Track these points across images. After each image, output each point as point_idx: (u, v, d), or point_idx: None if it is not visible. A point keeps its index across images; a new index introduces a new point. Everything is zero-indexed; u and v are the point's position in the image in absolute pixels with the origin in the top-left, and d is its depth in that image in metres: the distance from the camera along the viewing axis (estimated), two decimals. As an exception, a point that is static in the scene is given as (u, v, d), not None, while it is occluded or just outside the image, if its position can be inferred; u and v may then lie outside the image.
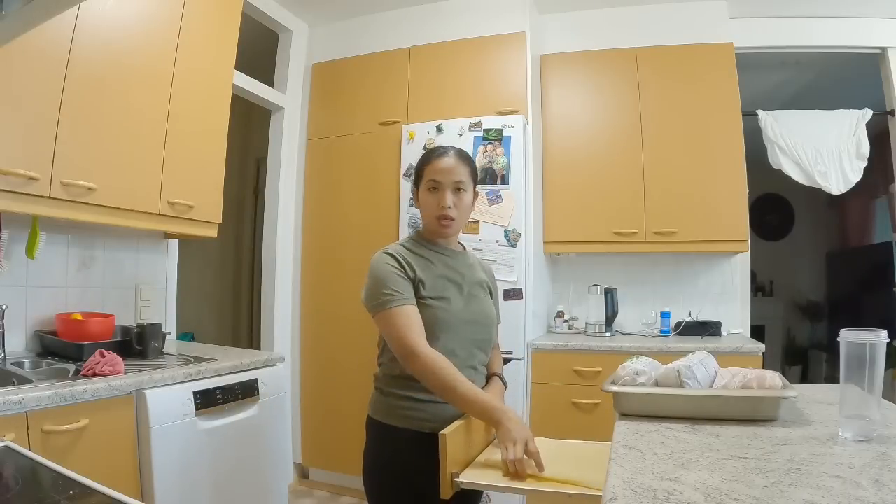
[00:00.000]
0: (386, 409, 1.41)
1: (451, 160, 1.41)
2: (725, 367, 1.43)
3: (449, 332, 1.36)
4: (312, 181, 3.30)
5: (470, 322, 1.41)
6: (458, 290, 1.42)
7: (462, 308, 1.41)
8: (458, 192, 1.41)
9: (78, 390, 1.43)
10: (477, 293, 1.47)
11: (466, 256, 1.53)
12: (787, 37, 3.17)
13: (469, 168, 1.44)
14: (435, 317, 1.35)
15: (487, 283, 1.53)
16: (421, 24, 3.12)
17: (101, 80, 1.83)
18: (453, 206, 1.40)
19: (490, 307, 1.50)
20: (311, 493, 3.11)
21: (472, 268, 1.50)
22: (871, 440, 1.02)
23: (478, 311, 1.45)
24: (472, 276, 1.48)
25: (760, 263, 5.16)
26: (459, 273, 1.45)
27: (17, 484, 0.89)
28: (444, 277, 1.41)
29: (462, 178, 1.41)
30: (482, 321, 1.45)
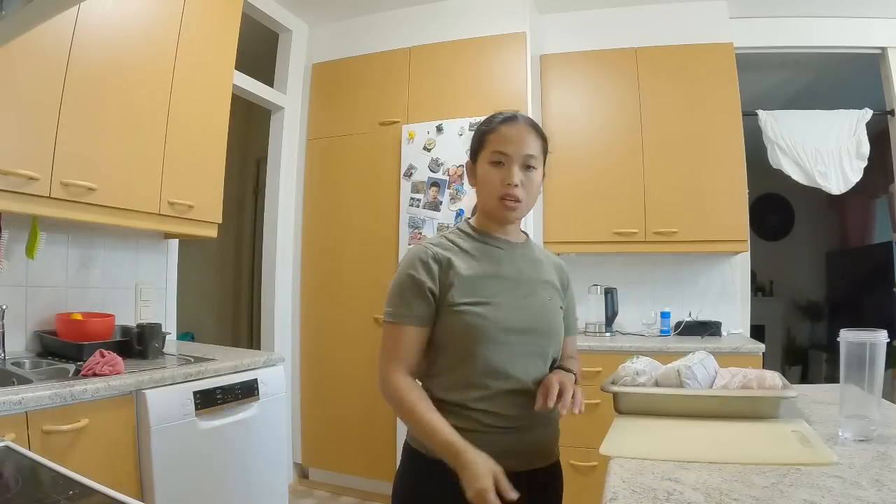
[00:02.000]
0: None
1: (521, 128, 1.15)
2: (725, 367, 1.43)
3: (491, 345, 1.10)
4: (312, 181, 3.30)
5: (523, 331, 1.13)
6: (510, 291, 1.15)
7: (512, 314, 1.13)
8: (528, 170, 1.15)
9: (78, 390, 1.43)
10: (539, 295, 1.19)
11: (529, 249, 1.25)
12: (787, 37, 3.17)
13: (542, 141, 1.18)
14: (471, 327, 1.10)
15: (557, 283, 1.25)
16: (421, 24, 3.12)
17: (101, 80, 1.83)
18: (521, 186, 1.13)
19: (555, 312, 1.20)
20: (311, 493, 3.11)
21: (537, 264, 1.23)
22: (871, 440, 1.02)
23: (536, 317, 1.16)
24: (536, 274, 1.21)
25: (760, 263, 5.16)
26: (516, 269, 1.18)
27: (17, 484, 0.89)
28: (492, 277, 1.15)
29: (534, 153, 1.15)
30: (542, 329, 1.16)
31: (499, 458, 1.02)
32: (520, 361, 1.13)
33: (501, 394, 1.11)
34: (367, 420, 2.97)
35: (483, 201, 1.19)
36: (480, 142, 1.19)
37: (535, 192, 1.18)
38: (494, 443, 1.07)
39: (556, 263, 1.30)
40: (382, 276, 2.96)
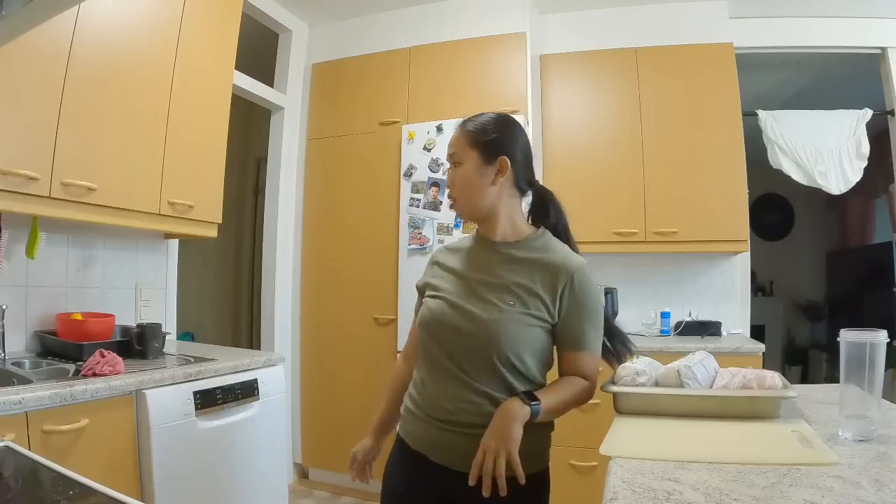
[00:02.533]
0: None
1: (454, 132, 1.22)
2: (725, 367, 1.43)
3: (426, 336, 1.17)
4: (312, 181, 3.30)
5: (460, 330, 1.12)
6: (464, 290, 1.16)
7: (455, 312, 1.14)
8: (456, 167, 1.19)
9: (78, 390, 1.43)
10: (496, 296, 1.13)
11: (521, 249, 1.19)
12: (787, 37, 3.17)
13: (468, 134, 1.19)
14: (420, 316, 1.21)
15: (538, 288, 1.13)
16: (421, 24, 3.12)
17: (101, 80, 1.83)
18: (453, 185, 1.20)
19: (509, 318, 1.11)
20: (311, 493, 3.10)
21: (518, 264, 1.16)
22: (871, 440, 1.02)
23: (480, 318, 1.11)
24: (506, 276, 1.15)
25: (760, 263, 5.16)
26: (484, 269, 1.18)
27: (17, 484, 0.89)
28: (458, 275, 1.19)
29: (454, 150, 1.19)
30: (481, 332, 1.10)
31: (438, 451, 1.13)
32: (455, 360, 1.13)
33: (438, 387, 1.15)
34: (367, 420, 2.93)
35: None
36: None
37: (465, 184, 1.18)
38: (431, 435, 1.15)
39: (557, 266, 1.14)
40: (382, 276, 2.96)
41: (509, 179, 1.19)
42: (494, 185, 1.17)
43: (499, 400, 1.09)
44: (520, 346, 1.11)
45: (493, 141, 1.18)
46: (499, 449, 1.01)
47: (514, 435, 1.02)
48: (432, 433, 1.15)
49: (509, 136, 1.20)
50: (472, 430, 1.09)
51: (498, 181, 1.17)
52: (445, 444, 1.13)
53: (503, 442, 1.01)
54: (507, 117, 1.24)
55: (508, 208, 1.21)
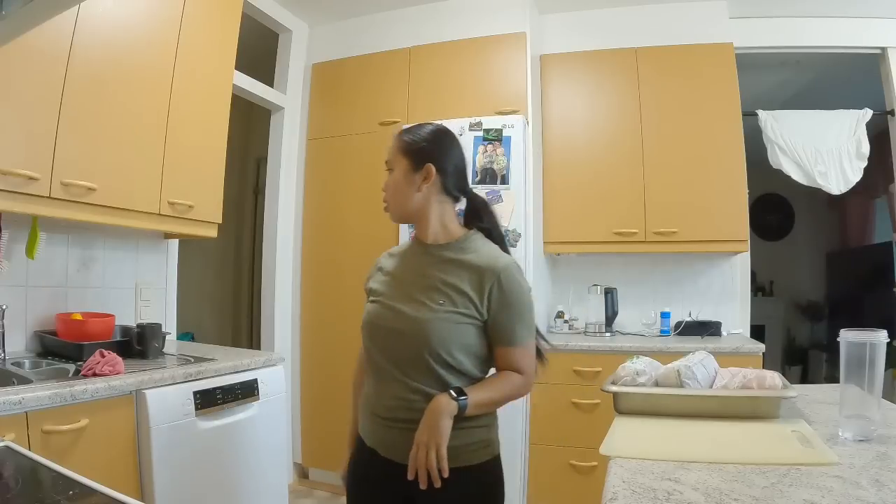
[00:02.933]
0: None
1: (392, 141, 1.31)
2: (725, 367, 1.43)
3: (366, 338, 1.27)
4: (312, 181, 3.30)
5: (393, 331, 1.21)
6: (396, 292, 1.25)
7: (387, 313, 1.23)
8: (389, 174, 1.29)
9: (78, 390, 1.43)
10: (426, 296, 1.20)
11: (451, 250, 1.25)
12: (787, 37, 3.17)
13: (400, 143, 1.28)
14: (363, 320, 1.29)
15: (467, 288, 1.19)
16: (421, 24, 3.12)
17: (101, 80, 1.83)
18: (385, 189, 1.29)
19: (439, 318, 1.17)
20: (311, 493, 3.11)
21: (447, 265, 1.23)
22: (871, 440, 1.02)
23: (409, 318, 1.18)
24: (437, 277, 1.21)
25: (760, 263, 5.16)
26: (415, 270, 1.26)
27: (17, 484, 0.89)
28: (394, 278, 1.29)
29: (389, 157, 1.29)
30: (412, 331, 1.17)
31: (385, 447, 1.21)
32: (392, 360, 1.21)
33: (380, 386, 1.23)
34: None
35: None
36: None
37: (394, 189, 1.27)
38: (378, 432, 1.22)
39: (484, 267, 1.20)
40: (382, 276, 2.96)
41: (437, 185, 1.26)
42: (420, 190, 1.25)
43: (433, 396, 1.15)
44: (450, 344, 1.17)
45: (422, 150, 1.26)
46: (429, 443, 1.09)
47: (441, 429, 1.10)
48: (379, 430, 1.23)
49: (439, 146, 1.28)
50: (411, 425, 1.14)
51: (423, 187, 1.25)
52: (391, 440, 1.20)
53: (432, 436, 1.09)
54: (442, 129, 1.32)
55: (439, 212, 1.28)
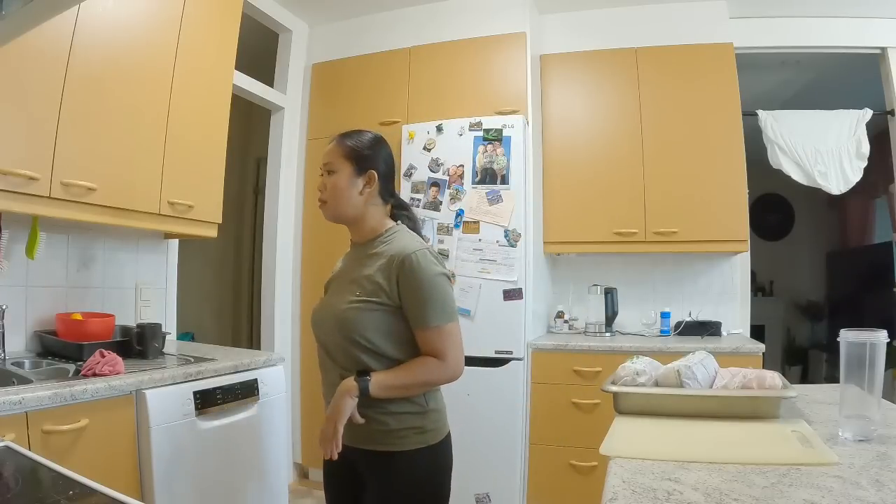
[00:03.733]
0: None
1: (330, 144, 1.38)
2: (725, 367, 1.43)
3: (315, 335, 1.39)
4: (312, 181, 3.29)
5: (322, 324, 1.35)
6: (332, 288, 1.42)
7: (319, 309, 1.39)
8: (329, 175, 1.35)
9: (78, 390, 1.43)
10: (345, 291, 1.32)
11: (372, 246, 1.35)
12: (787, 37, 3.17)
13: (343, 147, 1.34)
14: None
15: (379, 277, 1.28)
16: (421, 24, 3.12)
17: (101, 79, 1.83)
18: (323, 190, 1.36)
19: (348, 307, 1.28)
20: (311, 493, 3.10)
21: (366, 260, 1.33)
22: (871, 440, 1.02)
23: (332, 312, 1.32)
24: (356, 272, 1.33)
25: (760, 263, 5.16)
26: (344, 268, 1.43)
27: (17, 484, 0.89)
28: (335, 276, 1.44)
29: (329, 159, 1.35)
30: (335, 323, 1.29)
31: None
32: (327, 349, 1.34)
33: (324, 373, 1.38)
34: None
35: None
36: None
37: (336, 191, 1.33)
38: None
39: (391, 255, 1.28)
40: (382, 276, 2.96)
41: (374, 190, 1.36)
42: (362, 194, 1.35)
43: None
44: (364, 329, 1.27)
45: (365, 157, 1.35)
46: (329, 418, 1.24)
47: (341, 408, 1.22)
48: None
49: (379, 153, 1.38)
50: None
51: (365, 192, 1.35)
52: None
53: (332, 413, 1.24)
54: (380, 137, 1.42)
55: (372, 215, 1.38)
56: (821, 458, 0.92)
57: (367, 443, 1.29)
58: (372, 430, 1.27)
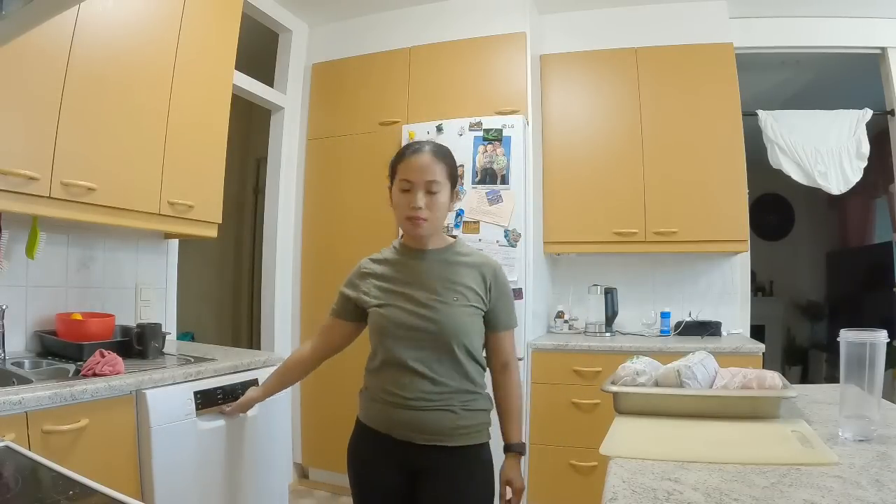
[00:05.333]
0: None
1: (426, 157, 1.34)
2: (725, 367, 1.43)
3: (390, 338, 1.37)
4: (312, 181, 3.30)
5: (415, 328, 1.34)
6: (411, 295, 1.37)
7: (406, 314, 1.35)
8: (432, 194, 1.33)
9: (78, 390, 1.43)
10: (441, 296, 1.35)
11: (451, 253, 1.41)
12: (787, 37, 3.17)
13: (446, 166, 1.36)
14: (377, 324, 1.40)
15: (473, 284, 1.38)
16: (421, 24, 3.12)
17: (102, 79, 1.83)
18: (425, 207, 1.32)
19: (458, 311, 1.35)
20: (311, 493, 3.11)
21: (452, 267, 1.39)
22: (871, 440, 1.02)
23: (431, 316, 1.34)
24: (445, 278, 1.37)
25: (760, 263, 5.16)
26: (424, 275, 1.38)
27: (17, 484, 0.89)
28: (398, 283, 1.40)
29: (436, 178, 1.33)
30: (435, 326, 1.33)
31: (399, 428, 1.35)
32: (414, 352, 1.34)
33: (402, 377, 1.35)
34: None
35: (398, 221, 1.40)
36: (392, 171, 1.40)
37: (441, 211, 1.37)
38: (395, 415, 1.35)
39: (481, 264, 1.41)
40: (382, 276, 2.96)
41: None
42: (451, 210, 1.43)
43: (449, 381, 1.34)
44: (472, 332, 1.36)
45: (456, 176, 1.42)
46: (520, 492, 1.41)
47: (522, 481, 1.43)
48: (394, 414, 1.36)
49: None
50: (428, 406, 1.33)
51: (452, 207, 1.42)
52: (404, 421, 1.34)
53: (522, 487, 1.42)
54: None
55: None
56: (821, 458, 0.92)
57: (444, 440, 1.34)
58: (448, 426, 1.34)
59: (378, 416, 1.40)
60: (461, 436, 1.34)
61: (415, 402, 1.33)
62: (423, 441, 1.33)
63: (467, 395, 1.36)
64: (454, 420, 1.34)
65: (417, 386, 1.33)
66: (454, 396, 1.34)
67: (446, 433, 1.33)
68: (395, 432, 1.36)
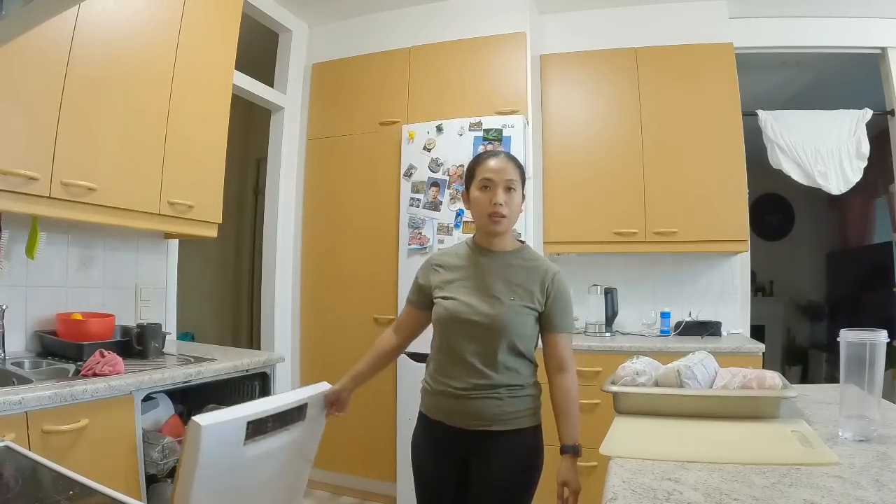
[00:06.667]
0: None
1: (503, 159, 1.48)
2: (725, 367, 1.43)
3: (446, 329, 1.46)
4: (312, 181, 3.30)
5: (473, 323, 1.42)
6: (473, 290, 1.46)
7: (467, 308, 1.44)
8: (509, 192, 1.45)
9: (78, 390, 1.43)
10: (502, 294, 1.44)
11: (517, 257, 1.51)
12: (787, 37, 3.17)
13: (519, 169, 1.50)
14: (438, 314, 1.48)
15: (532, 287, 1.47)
16: (421, 24, 3.12)
17: (101, 80, 1.83)
18: (504, 204, 1.44)
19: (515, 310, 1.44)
20: (311, 493, 3.10)
21: (515, 269, 1.48)
22: (871, 440, 1.02)
23: (489, 311, 1.42)
24: (508, 278, 1.46)
25: (760, 263, 5.16)
26: (491, 273, 1.47)
27: (17, 484, 0.89)
28: (464, 278, 1.49)
29: (513, 178, 1.46)
30: (492, 322, 1.42)
31: (452, 417, 1.44)
32: (470, 345, 1.42)
33: (455, 367, 1.44)
34: (366, 420, 2.97)
35: (476, 219, 1.50)
36: (471, 173, 1.50)
37: (516, 209, 1.48)
38: (448, 404, 1.45)
39: (543, 269, 1.49)
40: (382, 275, 2.96)
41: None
42: (521, 210, 1.53)
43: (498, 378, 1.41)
44: (523, 329, 1.44)
45: (525, 179, 1.53)
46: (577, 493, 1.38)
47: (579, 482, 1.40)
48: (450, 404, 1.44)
49: None
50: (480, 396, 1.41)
51: (523, 208, 1.54)
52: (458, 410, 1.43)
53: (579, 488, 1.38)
54: None
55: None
56: (821, 458, 0.92)
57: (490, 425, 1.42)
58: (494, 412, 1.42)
59: (433, 406, 1.50)
60: (506, 421, 1.41)
61: (464, 391, 1.42)
62: (473, 427, 1.42)
63: (514, 387, 1.44)
64: (499, 406, 1.41)
65: (468, 376, 1.42)
66: (501, 388, 1.42)
67: (492, 419, 1.41)
68: (448, 420, 1.45)
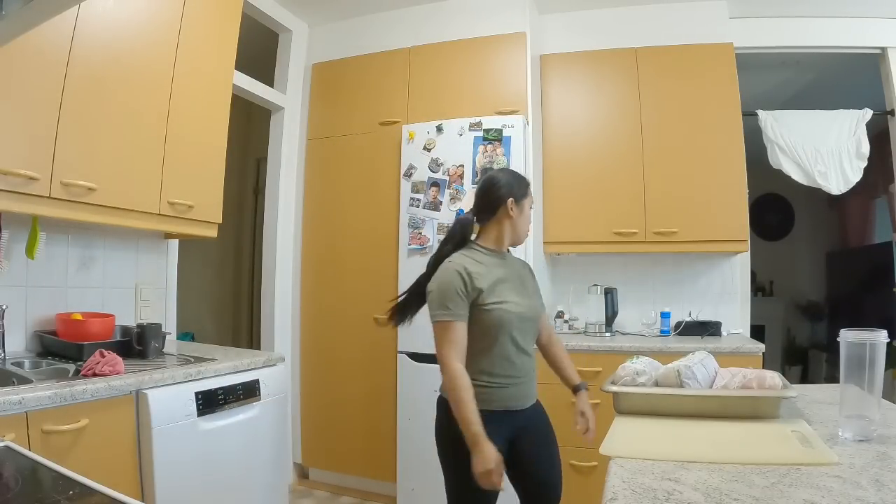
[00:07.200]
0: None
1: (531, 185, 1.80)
2: (725, 367, 1.43)
3: (513, 329, 1.58)
4: (312, 181, 3.30)
5: (526, 318, 1.62)
6: (514, 289, 1.62)
7: (517, 307, 1.59)
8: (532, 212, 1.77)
9: (78, 390, 1.43)
10: (524, 288, 1.68)
11: (511, 258, 1.73)
12: (787, 37, 3.17)
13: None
14: (498, 319, 1.55)
15: (530, 280, 1.75)
16: (421, 24, 3.12)
17: (101, 80, 1.83)
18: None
19: (538, 302, 1.73)
20: (311, 493, 3.11)
21: (516, 268, 1.71)
22: (871, 440, 1.02)
23: (529, 304, 1.65)
24: (519, 274, 1.70)
25: (760, 263, 5.16)
26: (511, 272, 1.66)
27: (17, 484, 0.89)
28: (501, 280, 1.60)
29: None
30: (531, 314, 1.65)
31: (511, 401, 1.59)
32: (526, 337, 1.64)
33: (516, 359, 1.59)
34: (367, 420, 2.97)
35: (517, 230, 1.69)
36: (524, 191, 1.71)
37: None
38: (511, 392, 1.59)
39: (527, 265, 1.81)
40: (382, 276, 2.96)
41: None
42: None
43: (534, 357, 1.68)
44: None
45: None
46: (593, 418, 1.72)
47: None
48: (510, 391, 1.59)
49: None
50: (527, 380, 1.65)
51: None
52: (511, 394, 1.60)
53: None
54: None
55: None
56: (821, 458, 0.92)
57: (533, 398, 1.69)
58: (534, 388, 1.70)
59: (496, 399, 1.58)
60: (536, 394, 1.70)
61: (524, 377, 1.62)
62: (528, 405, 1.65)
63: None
64: (535, 381, 1.69)
65: (526, 363, 1.63)
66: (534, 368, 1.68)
67: (534, 393, 1.69)
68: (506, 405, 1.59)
